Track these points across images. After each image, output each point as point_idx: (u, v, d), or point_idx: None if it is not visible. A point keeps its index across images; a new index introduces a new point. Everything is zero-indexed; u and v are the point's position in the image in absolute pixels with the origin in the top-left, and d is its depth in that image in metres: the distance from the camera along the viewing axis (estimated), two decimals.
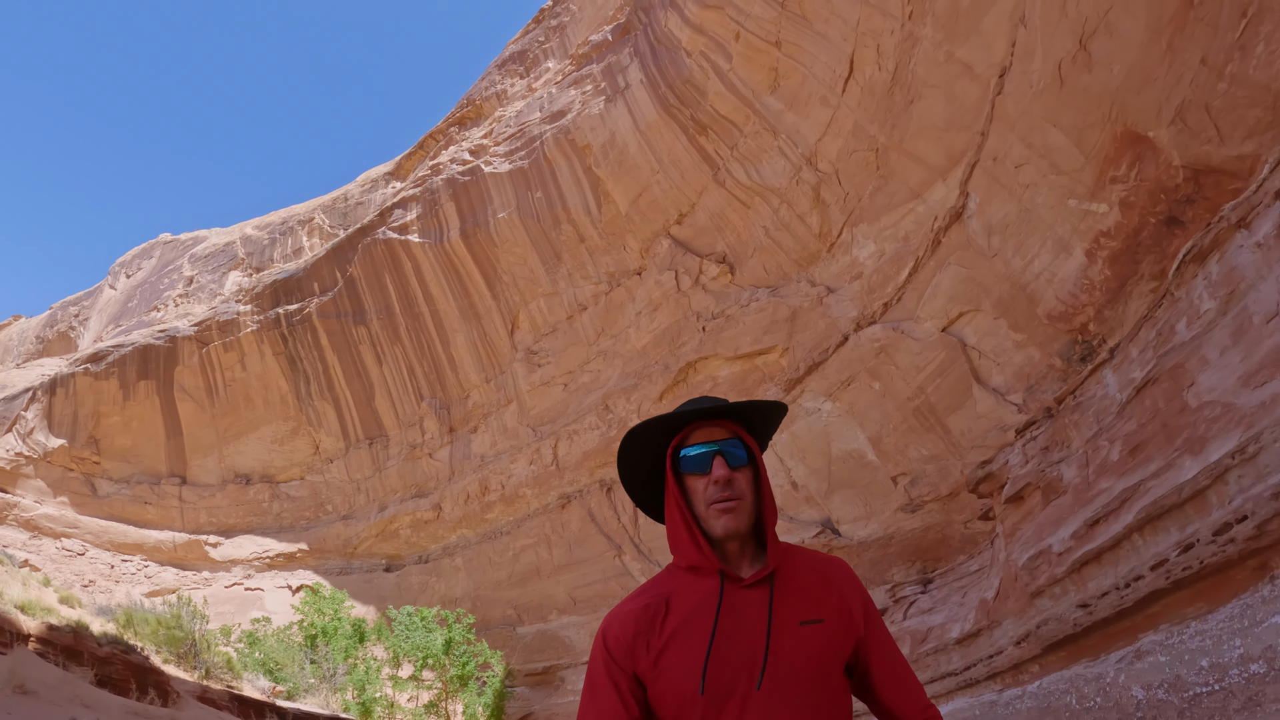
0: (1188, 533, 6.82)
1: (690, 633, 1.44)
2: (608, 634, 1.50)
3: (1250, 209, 7.27)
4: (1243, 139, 8.15)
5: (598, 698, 1.45)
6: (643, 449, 1.60)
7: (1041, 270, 11.40)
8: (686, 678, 1.40)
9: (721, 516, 1.47)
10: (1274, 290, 6.72)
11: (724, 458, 1.49)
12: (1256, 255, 7.06)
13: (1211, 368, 7.20)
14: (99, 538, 27.86)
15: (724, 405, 1.56)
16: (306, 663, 16.26)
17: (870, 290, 14.75)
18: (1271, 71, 7.66)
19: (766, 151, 16.81)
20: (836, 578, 1.56)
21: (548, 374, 20.64)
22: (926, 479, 14.12)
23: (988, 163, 11.92)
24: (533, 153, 21.91)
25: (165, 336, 27.99)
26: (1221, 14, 7.97)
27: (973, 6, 11.70)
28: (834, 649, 1.46)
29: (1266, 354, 6.54)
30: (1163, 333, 8.24)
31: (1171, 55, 8.59)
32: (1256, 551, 6.10)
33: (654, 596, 1.51)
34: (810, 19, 15.44)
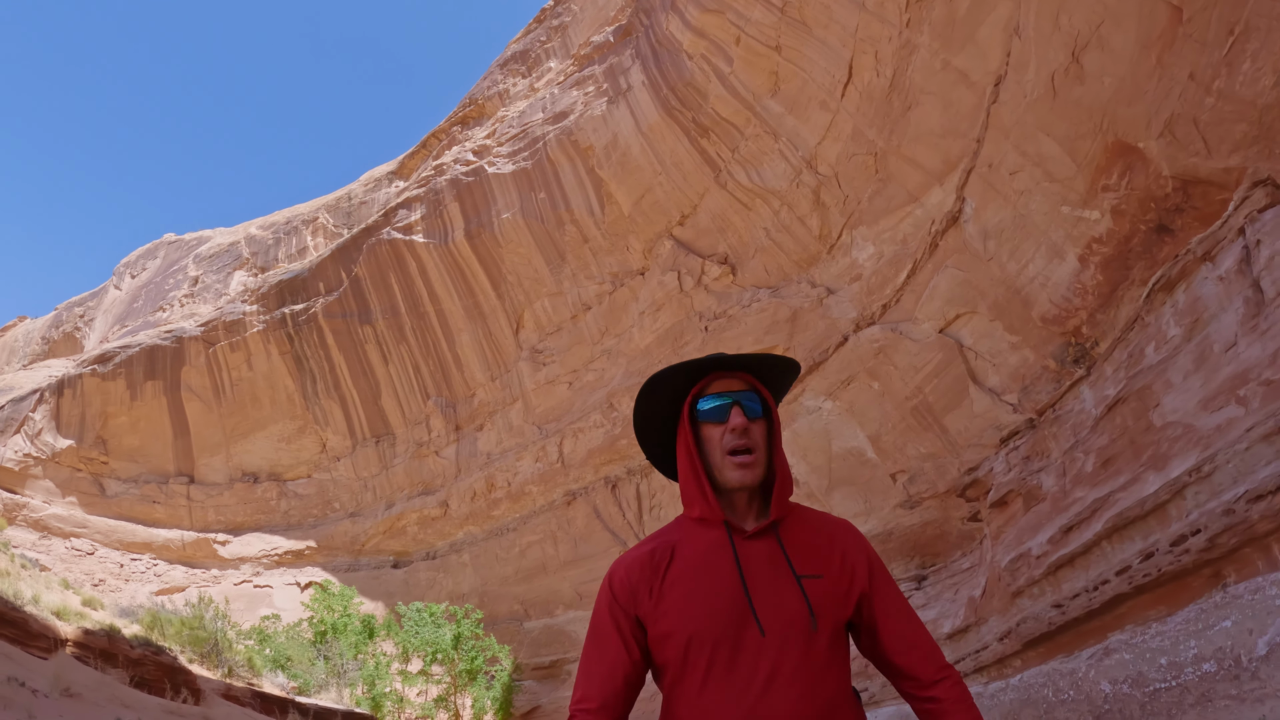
0: (1149, 542, 7.31)
1: (691, 579, 1.46)
2: (614, 578, 1.53)
3: (1215, 243, 7.79)
4: (1229, 152, 8.46)
5: (601, 639, 1.48)
6: (660, 396, 1.61)
7: (1036, 274, 11.72)
8: (683, 622, 1.43)
9: (737, 470, 1.50)
10: (1233, 321, 7.22)
11: (741, 408, 1.51)
12: (1219, 288, 7.56)
13: (1175, 390, 7.69)
14: (108, 537, 28.21)
15: (742, 357, 1.59)
16: (320, 659, 16.63)
17: (869, 292, 15.07)
18: (1257, 88, 7.96)
19: (767, 154, 17.09)
20: (840, 536, 1.57)
21: (553, 373, 20.98)
22: (925, 476, 14.47)
23: (983, 169, 12.22)
24: (536, 154, 22.17)
25: (172, 337, 28.28)
26: (1209, 31, 8.26)
27: (968, 16, 11.98)
28: (832, 603, 1.47)
29: (1224, 381, 7.05)
30: (1134, 355, 8.78)
31: (1161, 70, 8.88)
32: (1209, 562, 6.59)
33: (660, 543, 1.54)
34: (809, 24, 15.70)
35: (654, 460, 1.71)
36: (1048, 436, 10.21)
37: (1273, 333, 6.67)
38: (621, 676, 1.46)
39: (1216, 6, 8.09)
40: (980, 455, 13.25)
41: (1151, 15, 8.81)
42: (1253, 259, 7.25)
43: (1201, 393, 7.29)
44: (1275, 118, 7.93)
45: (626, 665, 1.45)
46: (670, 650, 1.44)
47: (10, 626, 7.73)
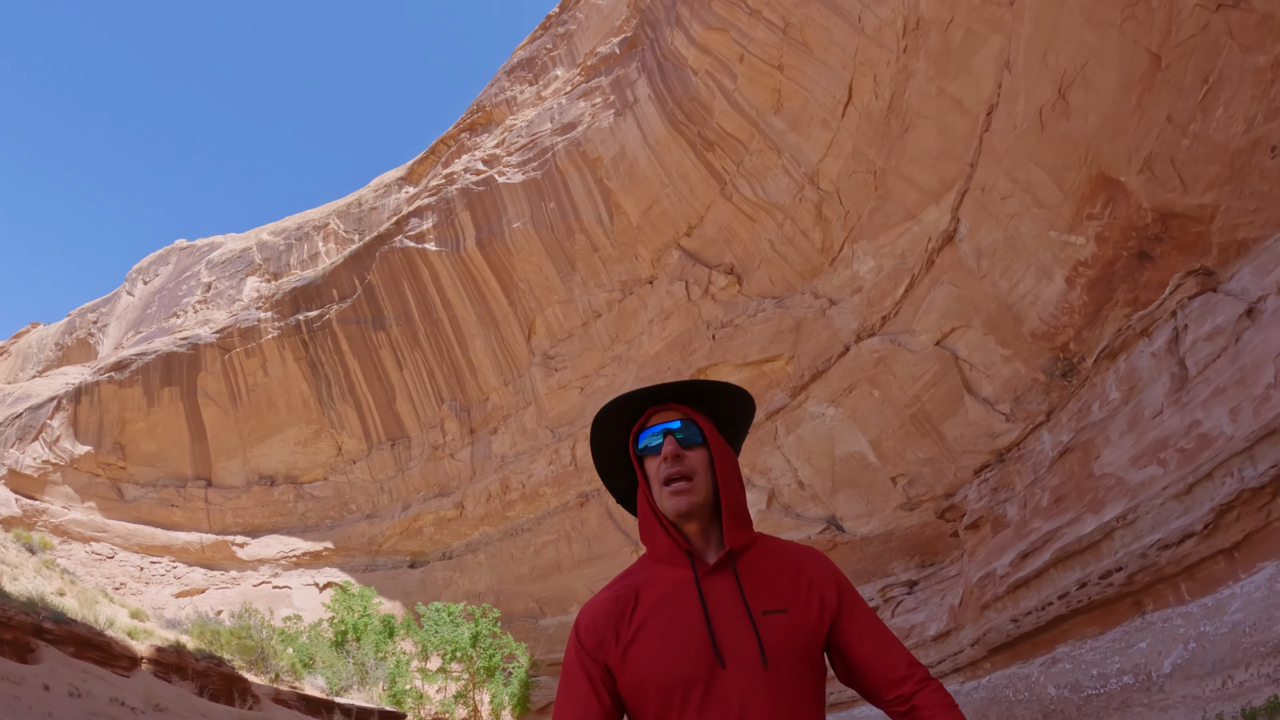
0: (1084, 573, 8.77)
1: (656, 623, 1.45)
2: (580, 627, 1.52)
3: (1152, 321, 9.08)
4: (1203, 190, 9.19)
5: (572, 689, 1.48)
6: (609, 434, 1.62)
7: (1026, 293, 12.45)
8: (650, 668, 1.41)
9: (672, 498, 1.48)
10: (1161, 392, 8.51)
11: (675, 437, 1.51)
12: (1152, 362, 8.85)
13: (1112, 446, 9.08)
14: (127, 540, 28.92)
15: (676, 386, 1.57)
16: (348, 660, 17.39)
17: (870, 304, 15.79)
18: (1229, 133, 8.68)
19: (771, 169, 17.76)
20: (807, 565, 1.55)
21: (565, 378, 21.70)
22: (923, 480, 15.24)
23: (976, 192, 12.93)
24: (545, 164, 22.78)
25: (188, 344, 28.91)
26: (1186, 78, 8.96)
27: (962, 47, 12.66)
28: (800, 638, 1.45)
29: (1149, 443, 8.39)
30: (1083, 410, 10.19)
31: (1141, 111, 9.59)
32: (1130, 593, 7.98)
33: (623, 588, 1.53)
34: (811, 46, 16.34)
35: (619, 498, 1.70)
36: (1013, 472, 11.74)
37: (1191, 406, 7.94)
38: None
39: (1193, 56, 8.79)
40: (975, 460, 14.04)
41: (1133, 60, 9.51)
42: (1180, 340, 8.61)
43: (1132, 450, 8.68)
44: (1245, 161, 8.65)
45: (598, 713, 1.45)
46: (641, 697, 1.43)
47: (97, 650, 8.44)
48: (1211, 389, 7.95)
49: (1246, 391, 7.53)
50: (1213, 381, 8.00)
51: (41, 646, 7.42)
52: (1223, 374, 7.92)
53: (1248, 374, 7.60)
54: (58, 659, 7.41)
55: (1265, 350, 7.55)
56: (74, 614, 8.74)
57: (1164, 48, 9.02)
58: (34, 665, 7.13)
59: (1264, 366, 7.45)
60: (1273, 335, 7.54)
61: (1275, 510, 6.76)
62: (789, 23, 16.57)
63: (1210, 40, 8.50)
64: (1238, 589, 6.80)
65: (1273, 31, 7.93)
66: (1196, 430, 7.82)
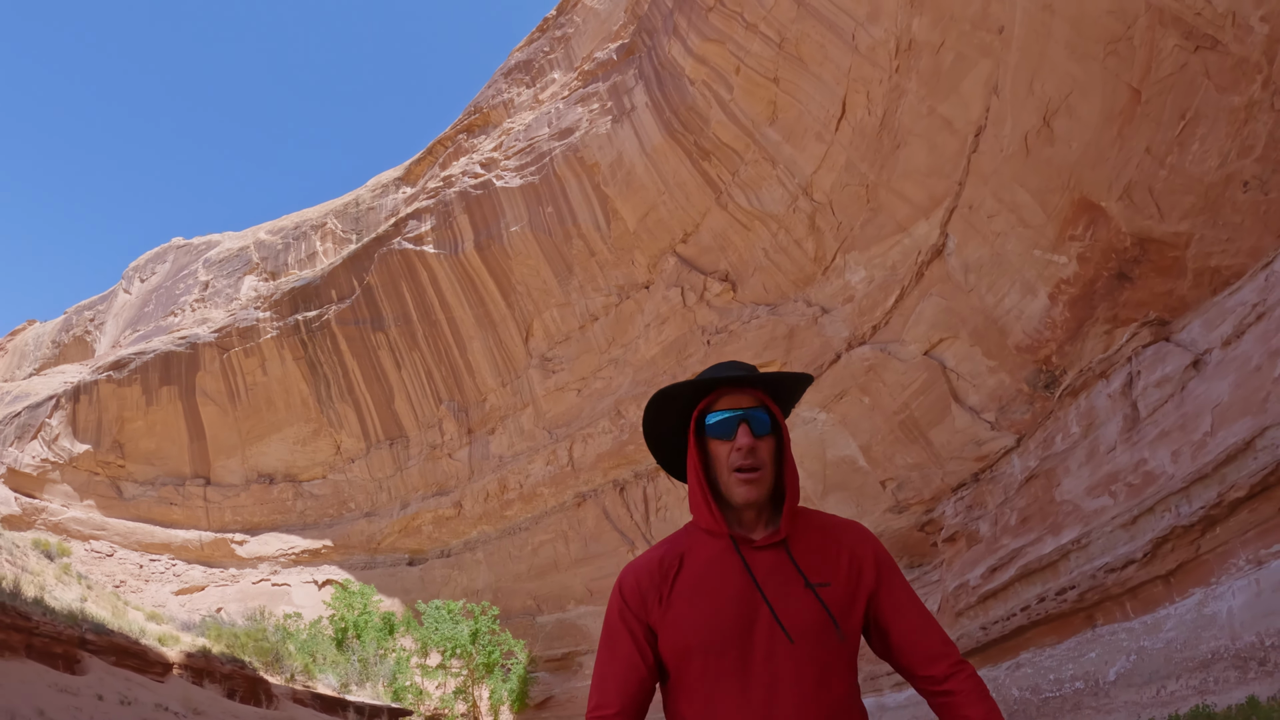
0: (1044, 589, 9.76)
1: (700, 589, 1.47)
2: (624, 584, 1.53)
3: (1110, 365, 10.06)
4: (1179, 219, 9.66)
5: (615, 645, 1.49)
6: (669, 411, 1.61)
7: (1011, 307, 12.93)
8: (692, 632, 1.42)
9: (742, 486, 1.48)
10: (1115, 430, 9.46)
11: (749, 425, 1.50)
12: (1108, 402, 9.76)
13: (1071, 476, 10.07)
14: (126, 538, 29.16)
15: (751, 375, 1.55)
16: (353, 657, 17.82)
17: (861, 313, 16.24)
18: (1204, 167, 9.14)
19: (766, 180, 18.15)
20: (848, 538, 1.56)
21: (562, 380, 22.09)
22: (912, 484, 15.75)
23: (965, 210, 13.37)
24: (543, 169, 23.07)
25: (186, 343, 29.10)
26: (1164, 113, 9.41)
27: (953, 70, 13.06)
28: (842, 610, 1.46)
29: (1102, 476, 9.39)
30: (1048, 440, 11.13)
31: (1121, 141, 10.03)
32: (1083, 609, 9.00)
33: (669, 551, 1.54)
34: (806, 61, 16.70)
35: (664, 465, 1.71)
36: (985, 492, 12.76)
37: (1139, 445, 8.91)
38: (636, 681, 1.47)
39: (1171, 93, 9.23)
40: (961, 466, 14.56)
41: (1114, 92, 9.94)
42: (1134, 384, 9.56)
43: (1088, 481, 9.67)
44: (1219, 194, 9.12)
45: (641, 670, 1.47)
46: (679, 658, 1.44)
47: (134, 658, 8.84)
48: (1158, 431, 8.85)
49: (1187, 436, 8.35)
50: (1160, 424, 8.88)
51: (86, 657, 7.80)
52: (1168, 418, 8.78)
53: (1189, 420, 8.42)
54: (102, 668, 7.79)
55: (1206, 400, 8.35)
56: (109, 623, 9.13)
57: (1144, 83, 9.45)
58: (83, 676, 7.50)
59: (1203, 415, 8.27)
60: (1214, 386, 8.34)
61: (1204, 545, 7.64)
62: (785, 37, 16.91)
63: (1188, 79, 8.93)
64: (1172, 610, 7.70)
65: (1246, 74, 8.37)
66: (1143, 468, 8.78)
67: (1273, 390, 7.44)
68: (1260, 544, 6.94)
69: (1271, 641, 5.98)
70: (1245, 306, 8.50)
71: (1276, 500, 6.89)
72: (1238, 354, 8.20)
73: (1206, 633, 6.82)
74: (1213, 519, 7.49)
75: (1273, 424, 7.14)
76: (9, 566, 9.32)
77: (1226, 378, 8.17)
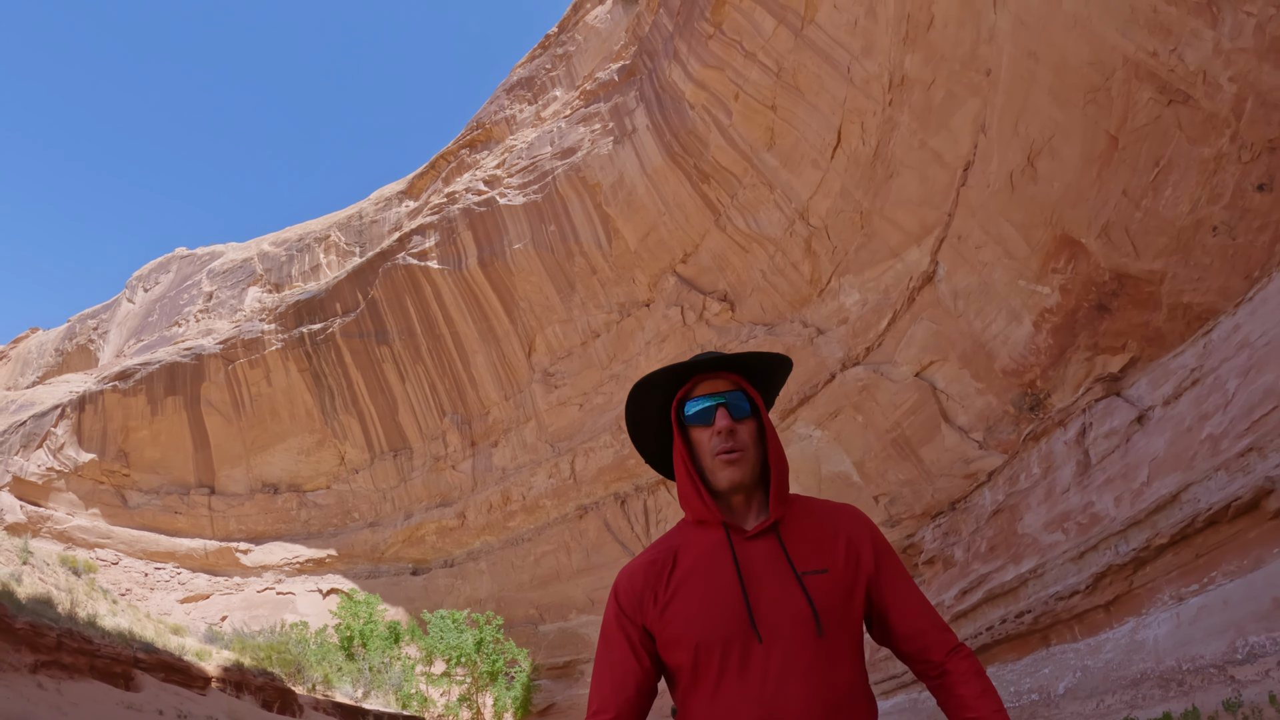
0: (1006, 611, 10.80)
1: (694, 584, 1.46)
2: (619, 589, 1.53)
3: (1068, 415, 11.17)
4: (1153, 258, 10.28)
5: (611, 650, 1.50)
6: (648, 403, 1.62)
7: (998, 333, 13.54)
8: (688, 627, 1.43)
9: (725, 469, 1.49)
10: (1069, 474, 10.55)
11: (727, 409, 1.50)
12: (1065, 448, 10.81)
13: (1031, 512, 11.21)
14: (131, 547, 29.54)
15: (726, 356, 1.56)
16: (364, 667, 18.28)
17: (855, 335, 16.83)
18: (1176, 211, 9.76)
19: (763, 204, 18.75)
20: (844, 523, 1.55)
21: (564, 394, 22.62)
22: (903, 499, 16.34)
23: (954, 239, 13.98)
24: (545, 187, 23.63)
25: (191, 354, 29.51)
26: (1140, 159, 10.02)
27: (943, 106, 13.68)
28: (839, 597, 1.45)
29: (1057, 515, 10.55)
30: (1013, 478, 12.19)
31: (1100, 183, 10.65)
32: (1038, 630, 10.13)
33: (661, 551, 1.54)
34: (803, 90, 17.32)
35: (651, 461, 1.72)
36: (960, 520, 13.85)
37: (1090, 489, 10.08)
38: (634, 685, 1.47)
39: (1146, 142, 9.85)
40: (950, 484, 15.16)
41: (1094, 138, 10.56)
42: (1087, 434, 10.65)
43: (1045, 518, 10.81)
44: (1190, 237, 9.74)
45: (638, 674, 1.47)
46: (680, 656, 1.44)
47: (179, 673, 9.37)
48: (1105, 477, 9.98)
49: (1128, 484, 9.45)
50: (1106, 471, 10.00)
51: (139, 675, 8.28)
52: (1114, 466, 9.86)
53: (1130, 470, 9.49)
54: (154, 685, 8.26)
55: (1145, 453, 9.41)
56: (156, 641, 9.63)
57: (1121, 131, 10.07)
58: (139, 693, 7.99)
59: (1142, 466, 9.31)
60: (1153, 441, 9.38)
61: (1136, 580, 8.70)
62: (782, 67, 17.53)
63: (1161, 130, 9.55)
64: (1110, 635, 8.77)
65: (1216, 129, 8.98)
66: (1090, 509, 9.93)
67: (1199, 450, 8.42)
68: (1181, 583, 7.97)
69: (1187, 667, 6.93)
70: (1185, 370, 9.42)
71: (1195, 547, 7.88)
72: (1175, 414, 9.15)
73: (1137, 656, 7.86)
74: (1143, 559, 8.49)
75: (1196, 480, 8.09)
76: (43, 584, 9.77)
77: (1164, 434, 9.17)
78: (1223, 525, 7.50)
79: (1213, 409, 8.44)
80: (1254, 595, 6.67)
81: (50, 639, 7.36)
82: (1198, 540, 7.82)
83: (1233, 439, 7.85)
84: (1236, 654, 6.41)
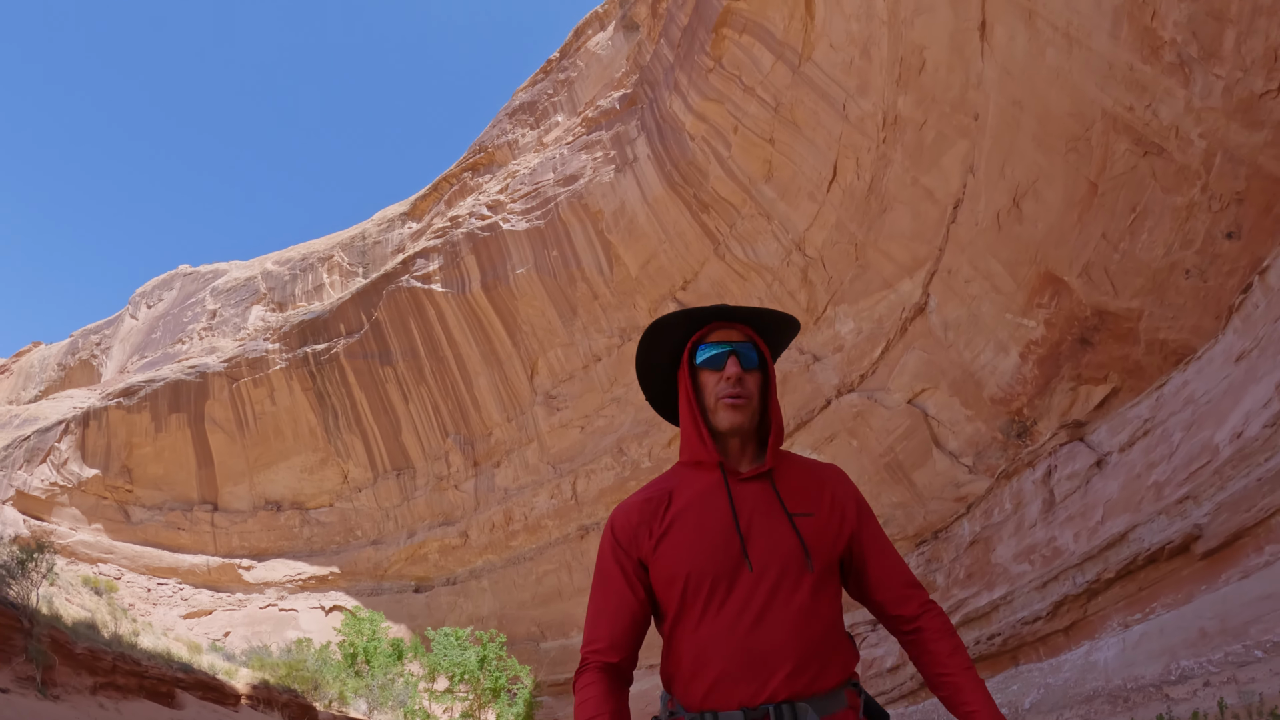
0: (980, 634, 11.75)
1: (689, 519, 1.52)
2: (615, 523, 1.58)
3: (1035, 456, 12.23)
4: (1131, 297, 10.89)
5: (606, 581, 1.55)
6: (663, 340, 1.67)
7: (986, 363, 14.12)
8: (681, 560, 1.48)
9: (728, 411, 1.54)
10: (1036, 511, 11.64)
11: (738, 357, 1.57)
12: (1033, 487, 11.84)
13: (1003, 544, 12.32)
14: (134, 562, 29.76)
15: (743, 310, 1.63)
16: (373, 683, 18.59)
17: (850, 362, 17.40)
18: (1152, 255, 10.38)
19: (761, 234, 19.37)
20: (830, 479, 1.63)
21: (566, 417, 23.10)
22: (896, 521, 16.84)
23: (944, 273, 14.60)
24: (548, 213, 24.23)
25: (196, 372, 29.89)
26: (1118, 205, 10.66)
27: (934, 146, 14.34)
28: (825, 540, 1.51)
29: (1024, 548, 11.72)
30: (989, 511, 13.20)
31: (1081, 226, 11.28)
32: (1007, 651, 11.17)
33: (657, 489, 1.60)
34: (800, 125, 18.00)
35: (653, 402, 1.78)
36: (941, 549, 14.89)
37: (1054, 525, 11.16)
38: (628, 616, 1.52)
39: (1123, 189, 10.49)
40: (942, 507, 15.69)
41: (1075, 183, 11.21)
42: (1052, 475, 11.71)
43: (1015, 550, 11.91)
44: (1165, 279, 10.36)
45: (632, 605, 1.52)
46: (671, 589, 1.49)
47: (214, 691, 9.81)
48: (1066, 515, 11.15)
49: (1085, 522, 10.59)
50: (1068, 510, 11.17)
51: (179, 693, 8.70)
52: (1074, 505, 11.04)
53: (1088, 510, 10.64)
54: (194, 703, 8.68)
55: (1101, 495, 10.57)
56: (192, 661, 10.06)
57: (1100, 178, 10.71)
58: (183, 710, 8.41)
59: (1098, 507, 10.44)
60: (1108, 484, 10.54)
61: (1090, 609, 9.80)
62: (780, 102, 18.21)
63: (1138, 179, 10.19)
64: (1069, 656, 9.80)
65: (1188, 180, 9.62)
66: (1053, 544, 11.11)
67: (1145, 495, 9.53)
68: (1127, 613, 9.07)
69: (1131, 686, 7.84)
70: (1139, 420, 10.53)
71: (1138, 581, 8.97)
72: (1128, 460, 10.27)
73: (1090, 675, 8.88)
74: (1095, 590, 9.59)
75: (1142, 522, 9.14)
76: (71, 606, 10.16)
77: (1118, 479, 10.31)
78: (1161, 563, 8.55)
79: (1159, 458, 9.53)
80: (1185, 626, 7.68)
81: (106, 662, 7.83)
82: (1141, 575, 8.89)
83: (1174, 486, 8.93)
84: (1170, 675, 7.31)
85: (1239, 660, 6.42)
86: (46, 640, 7.33)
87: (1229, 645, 6.68)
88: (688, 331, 1.66)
